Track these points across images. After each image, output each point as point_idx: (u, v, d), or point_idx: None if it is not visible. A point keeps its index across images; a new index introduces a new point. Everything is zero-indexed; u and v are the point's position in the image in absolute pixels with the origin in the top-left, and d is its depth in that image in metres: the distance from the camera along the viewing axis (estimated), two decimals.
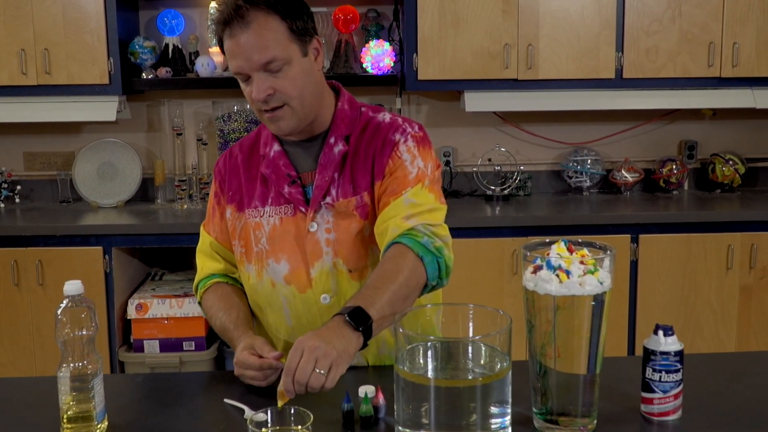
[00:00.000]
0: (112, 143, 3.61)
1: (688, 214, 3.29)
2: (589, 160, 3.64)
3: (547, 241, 1.33)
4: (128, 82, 3.39)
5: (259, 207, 1.66)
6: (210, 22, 3.49)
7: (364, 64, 3.46)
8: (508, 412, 1.23)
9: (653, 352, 1.34)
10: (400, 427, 1.24)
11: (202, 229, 1.78)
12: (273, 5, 1.51)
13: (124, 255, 3.27)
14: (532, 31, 3.32)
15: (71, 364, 1.28)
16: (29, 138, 3.67)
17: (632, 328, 3.24)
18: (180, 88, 3.53)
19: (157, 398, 1.49)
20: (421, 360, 1.26)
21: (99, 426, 1.31)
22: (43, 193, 3.71)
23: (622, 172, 3.64)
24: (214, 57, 3.46)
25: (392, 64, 3.47)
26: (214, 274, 1.75)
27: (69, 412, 1.30)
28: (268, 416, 1.27)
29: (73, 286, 1.30)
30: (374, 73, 3.45)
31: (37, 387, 1.55)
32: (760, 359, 1.75)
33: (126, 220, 3.30)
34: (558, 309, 1.26)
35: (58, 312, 1.28)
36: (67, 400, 1.29)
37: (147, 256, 3.57)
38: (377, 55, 3.43)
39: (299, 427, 1.27)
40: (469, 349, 1.26)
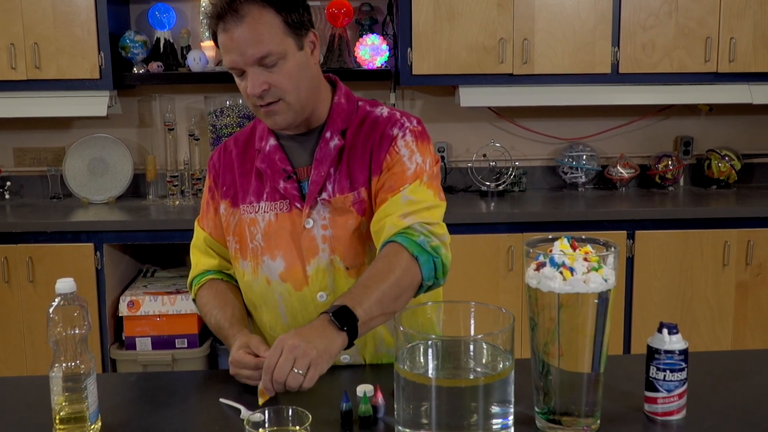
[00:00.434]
0: (103, 139, 3.57)
1: (684, 210, 3.28)
2: (585, 156, 3.62)
3: (550, 237, 1.31)
4: (119, 76, 3.35)
5: (254, 202, 1.63)
6: (202, 16, 3.45)
7: (358, 59, 3.43)
8: (511, 412, 1.21)
9: (657, 351, 1.32)
10: (400, 427, 1.22)
11: (197, 225, 1.75)
12: None
13: (115, 251, 3.23)
14: (528, 26, 3.30)
15: (63, 364, 1.25)
16: (19, 133, 3.63)
17: (628, 326, 3.23)
18: (171, 82, 3.49)
19: (151, 398, 1.46)
20: (422, 359, 1.24)
21: (92, 427, 1.29)
22: (33, 189, 3.67)
23: (618, 167, 3.62)
24: (206, 51, 3.43)
25: (386, 59, 3.44)
26: (208, 270, 1.72)
27: (61, 413, 1.27)
28: (265, 416, 1.24)
29: (66, 285, 1.27)
30: (368, 67, 3.42)
31: (29, 387, 1.52)
32: (763, 357, 1.73)
33: (117, 217, 3.26)
34: (562, 307, 1.24)
35: (50, 311, 1.25)
36: (59, 400, 1.27)
37: (138, 253, 3.54)
38: (371, 50, 3.40)
39: (297, 428, 1.24)
40: (471, 348, 1.23)
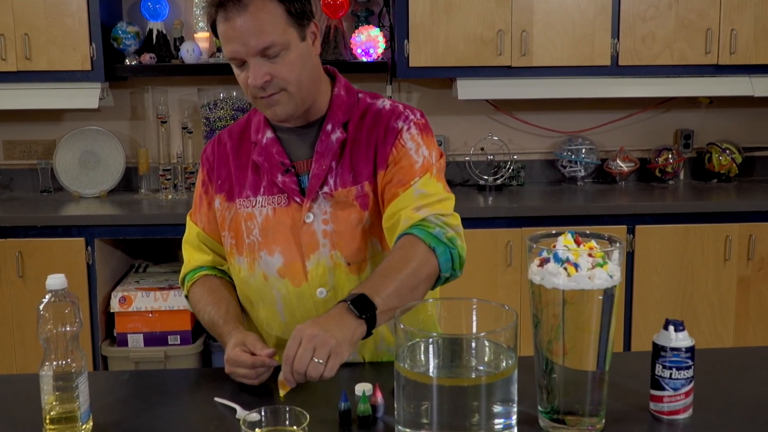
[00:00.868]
0: (95, 131, 3.53)
1: (684, 204, 3.25)
2: (584, 149, 3.59)
3: (554, 232, 1.27)
4: (111, 68, 3.30)
5: (250, 197, 1.59)
6: (197, 8, 3.40)
7: (354, 51, 3.38)
8: (514, 411, 1.18)
9: (663, 348, 1.28)
10: (400, 427, 1.19)
11: (189, 220, 1.71)
12: None
13: (106, 246, 3.19)
14: (526, 17, 3.26)
15: (54, 362, 1.23)
16: (9, 126, 3.58)
17: (628, 322, 3.19)
18: (164, 74, 3.44)
19: (144, 397, 1.43)
20: (422, 357, 1.21)
21: (83, 427, 1.26)
22: (24, 183, 3.62)
23: (617, 161, 3.59)
24: (199, 43, 3.38)
25: (382, 51, 3.40)
26: (201, 266, 1.68)
27: (52, 413, 1.24)
28: (262, 416, 1.21)
29: (57, 280, 1.24)
30: (364, 60, 3.38)
31: (18, 385, 1.49)
32: (767, 354, 1.70)
33: (109, 211, 3.22)
34: (566, 303, 1.20)
35: (41, 307, 1.22)
36: (49, 399, 1.24)
37: (130, 248, 3.50)
38: (367, 42, 3.36)
39: (295, 428, 1.21)
40: (473, 345, 1.20)
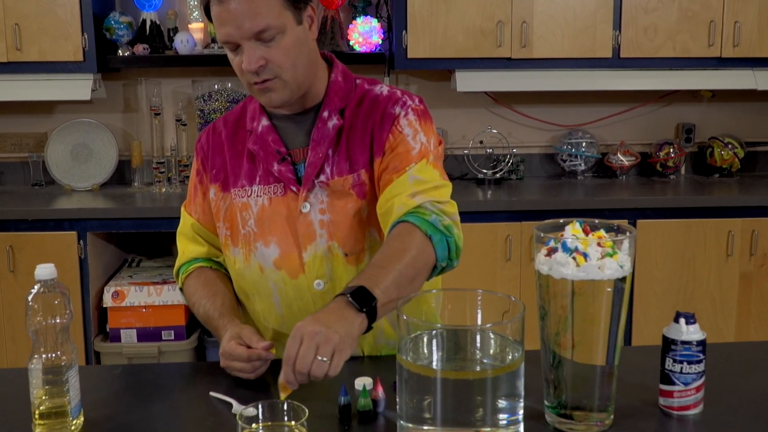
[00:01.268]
0: (87, 124, 3.48)
1: (686, 199, 3.21)
2: (584, 143, 3.54)
3: (561, 222, 1.23)
4: (103, 59, 3.25)
5: (246, 186, 1.55)
6: None
7: (351, 42, 3.34)
8: (521, 406, 1.14)
9: (674, 342, 1.24)
10: (402, 422, 1.15)
11: (183, 210, 1.66)
12: None
13: (99, 240, 3.14)
14: (527, 8, 3.21)
15: (43, 355, 1.19)
16: None
17: (629, 317, 3.15)
18: (158, 66, 3.39)
19: (137, 391, 1.39)
20: (426, 350, 1.16)
21: (74, 422, 1.22)
22: (15, 176, 3.57)
23: (618, 155, 3.54)
24: (194, 34, 3.33)
25: (380, 42, 3.35)
26: (196, 258, 1.64)
27: (41, 407, 1.20)
28: (259, 411, 1.17)
29: (46, 270, 1.19)
30: (361, 50, 3.33)
31: (7, 380, 1.45)
32: None
33: (101, 204, 3.17)
34: (575, 295, 1.16)
35: (29, 298, 1.18)
36: (39, 394, 1.20)
37: (123, 242, 3.45)
38: (365, 32, 3.31)
39: (293, 423, 1.17)
40: (477, 338, 1.16)
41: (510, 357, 1.13)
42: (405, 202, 1.43)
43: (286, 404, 1.18)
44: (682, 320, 1.24)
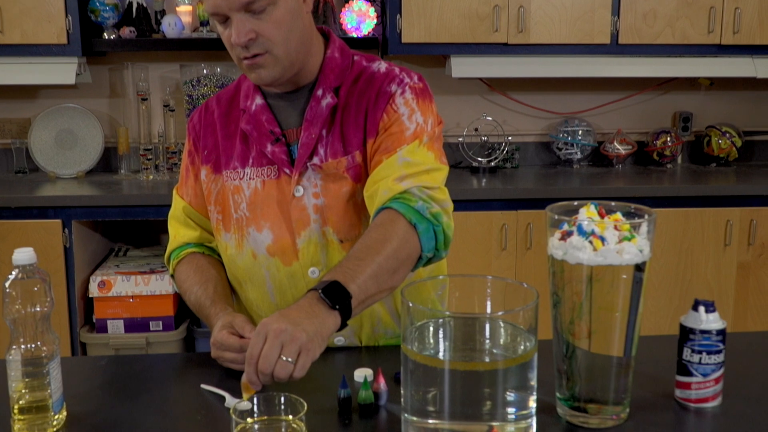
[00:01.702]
0: (72, 109, 3.38)
1: (684, 188, 3.16)
2: (580, 131, 3.48)
3: (576, 204, 1.16)
4: (88, 42, 3.15)
5: (238, 168, 1.48)
6: None
7: (344, 26, 3.26)
8: (533, 398, 1.07)
9: (692, 331, 1.18)
10: (407, 415, 1.08)
11: (175, 193, 1.59)
12: None
13: (84, 229, 3.05)
14: None
15: (23, 346, 1.11)
16: None
17: None
18: (145, 49, 3.30)
19: (124, 384, 1.32)
20: (432, 339, 1.10)
21: (56, 417, 1.14)
22: None
23: (615, 144, 3.49)
24: (182, 16, 3.24)
25: (374, 26, 3.28)
26: (188, 243, 1.57)
27: (21, 402, 1.13)
28: (254, 405, 1.10)
29: (24, 255, 1.12)
30: (354, 35, 3.25)
31: None
32: None
33: (87, 192, 3.08)
34: (592, 281, 1.09)
35: (6, 285, 1.11)
36: (18, 387, 1.12)
37: (110, 231, 3.36)
38: (358, 17, 3.23)
39: (290, 418, 1.10)
40: (487, 327, 1.09)
41: (522, 347, 1.07)
42: (391, 187, 1.35)
43: (282, 397, 1.11)
44: (702, 308, 1.18)
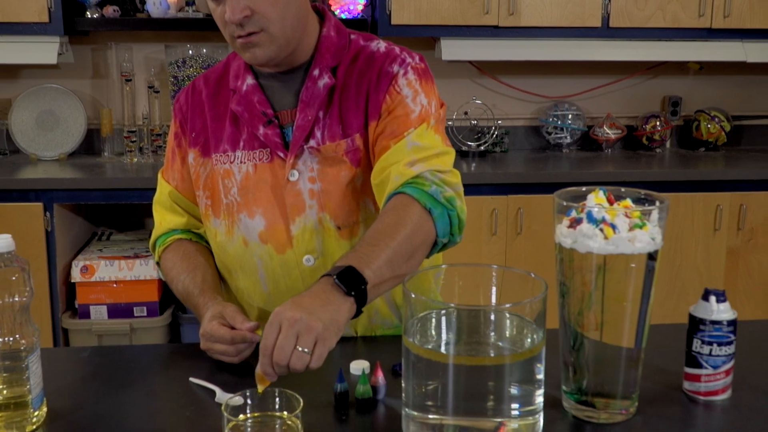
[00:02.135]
0: (54, 90, 3.29)
1: (674, 173, 3.14)
2: (570, 115, 3.44)
3: (584, 190, 1.12)
4: (70, 21, 3.06)
5: (228, 151, 1.42)
6: None
7: (333, 7, 3.19)
8: (541, 393, 1.03)
9: (702, 321, 1.15)
10: (408, 410, 1.04)
11: (160, 177, 1.53)
12: None
13: (67, 212, 2.98)
14: None
15: (0, 339, 1.05)
16: None
17: None
18: (129, 29, 3.21)
19: (108, 377, 1.26)
20: (434, 332, 1.05)
21: (36, 414, 1.09)
22: None
23: (604, 128, 3.45)
24: None
25: (362, 8, 3.21)
26: (174, 229, 1.51)
27: None
28: (247, 400, 1.06)
29: (2, 242, 1.05)
30: (343, 17, 3.18)
31: None
32: None
33: (69, 174, 3.00)
34: (602, 270, 1.05)
35: None
36: None
37: (93, 214, 3.29)
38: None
39: (285, 414, 1.05)
40: (492, 319, 1.04)
41: (528, 340, 1.02)
42: (402, 172, 1.30)
43: (277, 392, 1.06)
44: (713, 298, 1.15)
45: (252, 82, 1.41)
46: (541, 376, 1.02)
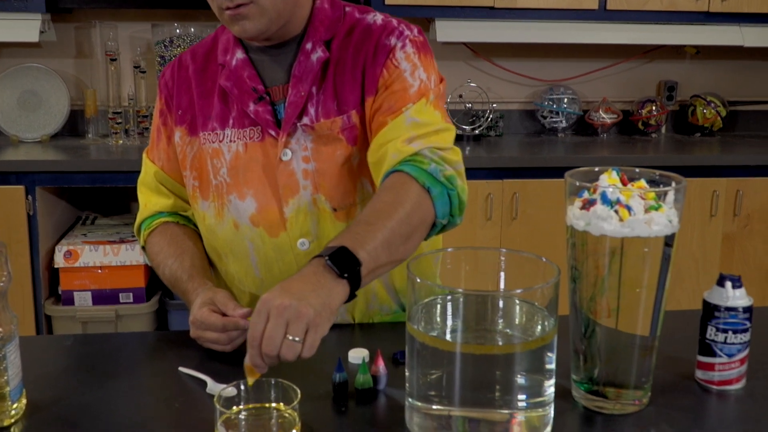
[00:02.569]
0: (35, 69, 3.20)
1: (670, 158, 3.10)
2: (566, 99, 3.38)
3: (597, 170, 1.06)
4: None
5: (217, 129, 1.35)
6: None
7: None
8: (552, 383, 0.98)
9: (717, 308, 1.10)
10: (412, 400, 0.99)
11: (145, 157, 1.46)
12: None
13: (49, 196, 2.90)
14: None
15: None
16: None
17: None
18: (114, 7, 3.12)
19: (92, 366, 1.20)
20: (439, 318, 1.00)
21: (14, 406, 1.02)
22: None
23: (600, 112, 3.40)
24: None
25: None
26: (160, 212, 1.44)
27: None
28: (241, 391, 1.00)
29: None
30: None
31: None
32: None
33: (52, 156, 2.91)
34: (617, 254, 0.99)
35: None
36: None
37: (76, 198, 3.20)
38: None
39: (282, 405, 0.99)
40: (500, 305, 0.99)
41: (539, 328, 0.97)
42: (400, 149, 1.23)
43: (273, 382, 1.01)
44: (728, 284, 1.09)
45: (242, 57, 1.34)
46: (552, 366, 0.97)
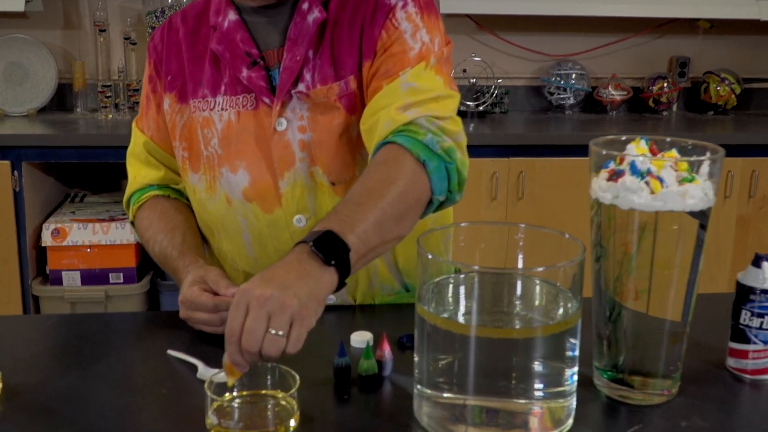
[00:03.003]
0: (21, 40, 3.09)
1: (682, 136, 2.95)
2: (574, 75, 3.28)
3: (624, 138, 0.97)
4: None
5: (208, 97, 1.25)
6: None
7: None
8: (575, 371, 0.89)
9: (752, 290, 1.02)
10: (421, 387, 0.91)
11: (134, 126, 1.38)
12: None
13: (36, 172, 2.79)
14: None
15: None
16: None
17: None
18: None
19: (76, 349, 1.12)
20: (451, 299, 0.91)
21: None
22: None
23: (609, 89, 3.29)
24: None
25: None
26: (150, 184, 1.35)
27: None
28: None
29: None
30: None
31: None
32: None
33: (39, 131, 2.81)
34: (648, 230, 0.90)
35: None
36: None
37: (65, 174, 3.10)
38: None
39: (279, 393, 0.91)
40: (519, 285, 0.90)
41: (561, 311, 0.88)
42: (393, 117, 1.13)
43: (270, 368, 0.92)
44: (765, 264, 1.01)
45: (234, 18, 1.24)
46: (575, 353, 0.88)
